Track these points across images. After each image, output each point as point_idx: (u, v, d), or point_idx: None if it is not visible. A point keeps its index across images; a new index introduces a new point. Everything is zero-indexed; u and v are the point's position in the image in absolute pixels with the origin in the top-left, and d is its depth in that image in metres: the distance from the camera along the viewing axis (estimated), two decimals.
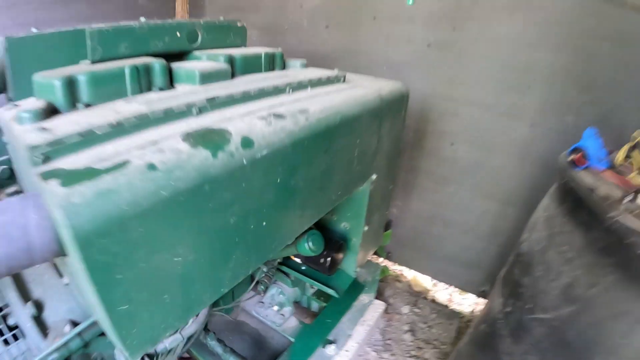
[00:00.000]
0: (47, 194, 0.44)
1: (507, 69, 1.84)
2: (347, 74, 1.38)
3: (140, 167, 0.49)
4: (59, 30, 0.93)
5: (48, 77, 0.69)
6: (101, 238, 0.44)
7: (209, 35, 1.04)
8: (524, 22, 1.82)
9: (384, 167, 1.28)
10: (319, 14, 2.27)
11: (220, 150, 0.59)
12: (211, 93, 0.75)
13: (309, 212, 0.93)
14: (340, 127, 0.88)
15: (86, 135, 0.53)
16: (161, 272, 0.56)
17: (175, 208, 0.53)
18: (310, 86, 0.97)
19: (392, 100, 1.17)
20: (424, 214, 2.28)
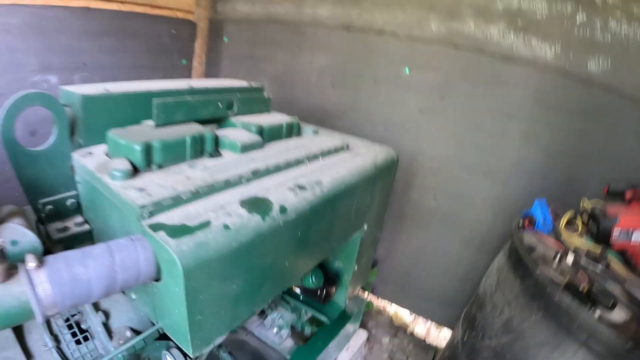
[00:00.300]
0: (155, 240, 0.66)
1: (486, 135, 2.09)
2: (349, 138, 1.57)
3: (219, 226, 0.72)
4: (125, 92, 1.10)
5: (129, 139, 0.90)
6: (196, 272, 0.65)
7: (243, 104, 1.28)
8: (502, 96, 2.13)
9: (374, 219, 1.49)
10: (326, 73, 2.49)
11: (267, 215, 0.82)
12: (252, 165, 0.98)
13: (316, 255, 1.16)
14: (344, 193, 1.11)
15: (175, 198, 0.76)
16: (224, 295, 0.78)
17: (238, 254, 0.76)
18: (322, 156, 1.21)
19: (385, 166, 1.41)
20: (407, 256, 2.48)
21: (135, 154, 0.87)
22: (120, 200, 0.74)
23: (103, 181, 0.82)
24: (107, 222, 0.86)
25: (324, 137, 1.40)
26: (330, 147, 1.27)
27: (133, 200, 0.71)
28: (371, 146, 1.50)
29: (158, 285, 0.71)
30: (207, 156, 1.00)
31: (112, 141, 0.93)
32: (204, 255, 0.67)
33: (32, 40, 2.03)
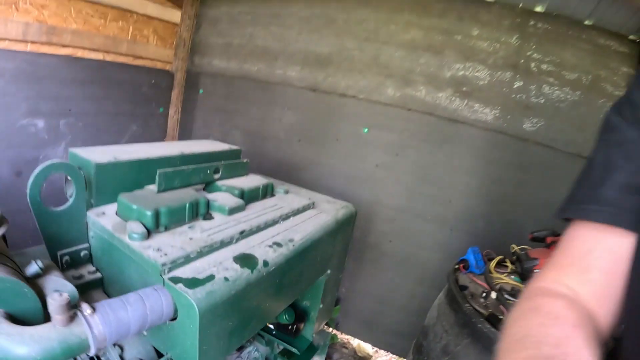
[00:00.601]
0: (176, 290, 0.88)
1: (435, 187, 2.37)
2: (315, 195, 1.80)
3: (221, 279, 0.93)
4: (130, 160, 1.28)
5: (140, 205, 1.10)
6: (207, 314, 0.86)
7: (226, 169, 1.50)
8: (449, 152, 2.35)
9: (336, 264, 1.70)
10: (294, 130, 2.73)
11: (254, 269, 1.03)
12: (239, 226, 1.20)
13: (289, 297, 1.37)
14: (311, 247, 1.33)
15: (186, 257, 0.97)
16: (223, 330, 0.98)
17: (235, 299, 0.97)
18: (292, 215, 1.44)
19: (345, 221, 1.64)
20: (367, 294, 2.71)
21: (147, 218, 1.07)
22: (142, 258, 0.95)
23: (123, 241, 1.02)
24: (124, 273, 1.05)
25: (294, 196, 1.63)
26: (299, 206, 1.50)
27: (155, 259, 0.92)
28: (333, 202, 1.73)
29: (174, 324, 0.92)
30: (202, 218, 1.22)
31: (123, 204, 1.13)
32: (212, 301, 0.88)
33: (23, 86, 2.14)
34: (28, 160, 2.25)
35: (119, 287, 1.08)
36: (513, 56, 2.28)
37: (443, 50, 2.35)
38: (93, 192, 1.20)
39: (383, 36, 2.44)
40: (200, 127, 3.10)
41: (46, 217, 1.07)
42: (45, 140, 2.32)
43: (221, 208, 1.28)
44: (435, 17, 2.35)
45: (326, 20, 2.57)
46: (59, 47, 2.27)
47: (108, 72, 2.56)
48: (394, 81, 2.47)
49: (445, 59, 2.35)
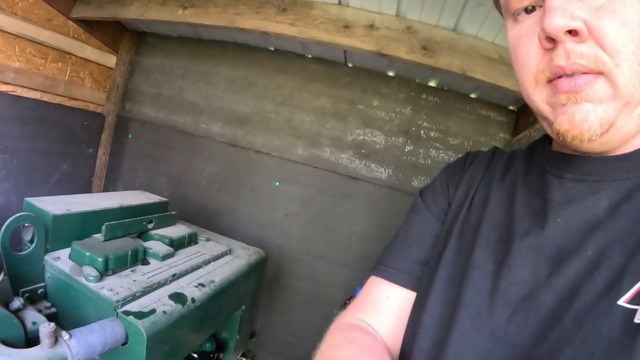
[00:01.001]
0: (127, 321, 1.20)
1: (337, 234, 2.67)
2: (232, 242, 2.06)
3: (160, 312, 1.26)
4: (81, 211, 1.56)
5: (92, 252, 1.40)
6: (151, 339, 1.18)
7: (159, 220, 1.82)
8: (348, 204, 2.64)
9: (250, 300, 2.01)
10: (214, 180, 2.95)
11: (185, 305, 1.36)
12: (171, 270, 1.52)
13: (210, 329, 1.67)
14: (228, 287, 1.67)
15: (133, 295, 1.29)
16: (163, 352, 1.29)
17: (170, 328, 1.28)
18: (213, 261, 1.77)
19: (257, 264, 1.99)
20: (280, 328, 2.91)
21: (98, 264, 1.37)
22: (99, 296, 1.26)
23: (81, 282, 1.31)
24: (79, 308, 1.33)
25: (214, 243, 1.96)
26: (218, 253, 1.84)
27: (109, 297, 1.23)
28: (247, 249, 2.07)
29: (124, 347, 1.23)
30: (140, 263, 1.54)
31: (77, 251, 1.42)
32: (155, 329, 1.20)
33: None
34: None
35: (74, 320, 1.34)
36: (406, 124, 2.68)
37: (347, 117, 2.72)
38: (49, 239, 1.47)
39: (297, 102, 2.78)
40: (128, 170, 3.21)
41: (13, 260, 1.32)
42: None
43: (156, 255, 1.60)
44: (342, 88, 2.73)
45: (248, 83, 2.88)
46: (1, 84, 2.39)
47: (44, 112, 2.69)
48: (303, 142, 2.78)
49: (349, 125, 2.72)
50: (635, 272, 0.52)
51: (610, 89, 0.53)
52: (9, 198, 2.60)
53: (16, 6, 2.36)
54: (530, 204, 0.68)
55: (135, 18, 2.52)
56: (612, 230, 0.57)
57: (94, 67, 3.11)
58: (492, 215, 0.72)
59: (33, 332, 1.15)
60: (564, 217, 0.62)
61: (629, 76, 0.52)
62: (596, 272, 0.55)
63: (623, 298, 0.51)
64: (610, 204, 0.59)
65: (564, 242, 0.60)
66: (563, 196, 0.64)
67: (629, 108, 0.54)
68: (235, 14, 2.19)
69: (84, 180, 3.26)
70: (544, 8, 0.55)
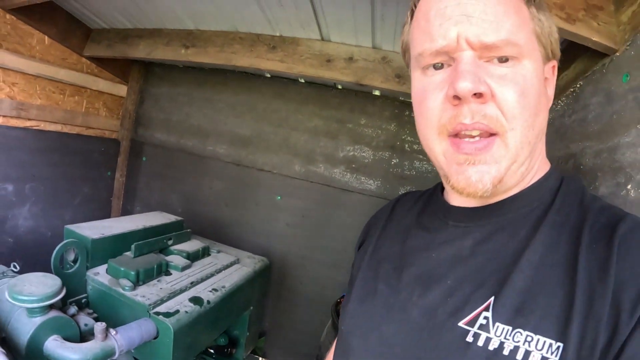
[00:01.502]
0: (158, 319, 1.52)
1: (333, 240, 2.85)
2: (239, 252, 2.33)
3: (183, 312, 1.58)
4: (113, 234, 1.87)
5: (126, 267, 1.73)
6: (177, 333, 1.50)
7: (176, 238, 2.14)
8: (343, 214, 2.86)
9: (257, 301, 2.29)
10: (222, 195, 3.16)
11: (202, 306, 1.68)
12: (190, 279, 1.84)
13: (223, 326, 1.97)
14: (237, 291, 1.97)
15: (161, 300, 1.61)
16: (186, 344, 1.59)
17: (192, 324, 1.59)
18: (224, 269, 2.08)
19: (262, 271, 2.29)
20: (287, 326, 3.05)
21: (132, 276, 1.69)
22: (134, 302, 1.59)
23: (118, 291, 1.65)
24: (117, 312, 1.66)
25: (224, 254, 2.27)
26: (228, 263, 2.15)
27: (143, 302, 1.56)
28: (253, 257, 2.38)
29: (156, 341, 1.55)
30: (164, 274, 1.86)
31: (113, 267, 1.75)
32: (179, 325, 1.52)
33: None
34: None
35: (113, 322, 1.63)
36: (391, 139, 2.83)
37: (338, 135, 2.92)
38: (89, 258, 1.80)
39: (292, 123, 3.00)
40: (143, 190, 3.47)
41: (62, 277, 1.60)
42: (13, 202, 2.65)
43: (176, 267, 1.92)
44: (332, 109, 2.93)
45: (248, 108, 3.11)
46: (25, 120, 2.56)
47: (66, 142, 2.92)
48: (300, 159, 2.95)
49: (339, 142, 2.91)
50: (475, 302, 0.63)
51: (503, 149, 0.62)
52: (38, 221, 2.88)
53: (34, 49, 2.60)
54: (420, 240, 0.80)
55: (142, 57, 2.81)
56: (469, 266, 0.68)
57: (107, 98, 3.35)
58: (391, 248, 0.85)
59: (85, 331, 1.47)
60: (438, 253, 0.74)
61: (520, 139, 0.62)
62: (449, 298, 0.66)
63: (463, 320, 0.62)
64: (474, 244, 0.70)
65: (434, 272, 0.72)
66: (443, 237, 0.75)
67: (515, 166, 0.64)
68: (231, 52, 2.47)
69: (103, 201, 3.53)
70: (453, 68, 0.62)
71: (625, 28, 1.22)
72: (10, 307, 1.36)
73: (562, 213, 0.65)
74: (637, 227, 0.57)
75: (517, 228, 0.67)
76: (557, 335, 0.54)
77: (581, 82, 1.49)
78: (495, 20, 0.60)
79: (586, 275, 0.56)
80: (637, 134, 1.09)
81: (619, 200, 1.13)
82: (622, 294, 0.52)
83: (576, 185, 0.70)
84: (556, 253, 0.61)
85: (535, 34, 0.64)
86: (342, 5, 1.83)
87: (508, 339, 0.57)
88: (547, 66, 0.69)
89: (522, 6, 0.63)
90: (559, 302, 0.56)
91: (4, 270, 1.63)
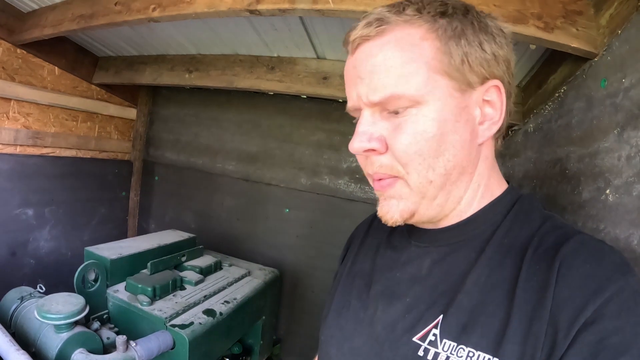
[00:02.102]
0: (174, 331, 1.63)
1: (340, 249, 3.03)
2: (250, 265, 2.44)
3: (198, 324, 1.69)
4: (130, 254, 2.00)
5: (143, 284, 1.85)
6: (192, 343, 1.61)
7: (190, 254, 2.26)
8: (352, 223, 2.69)
9: (269, 311, 2.40)
10: (233, 211, 3.26)
11: (215, 317, 1.79)
12: (203, 293, 1.95)
13: (237, 335, 2.07)
14: (248, 302, 2.08)
15: (177, 313, 1.73)
16: (201, 353, 1.71)
17: (205, 335, 1.70)
18: (235, 282, 2.20)
19: (272, 282, 2.40)
20: (301, 334, 3.11)
21: (149, 292, 1.82)
22: (152, 316, 1.70)
23: (137, 307, 1.77)
24: (136, 325, 1.77)
25: (235, 268, 2.39)
26: (239, 276, 2.27)
27: (160, 315, 1.68)
28: (263, 269, 2.49)
29: (172, 351, 1.66)
30: (179, 289, 1.98)
31: (131, 284, 1.87)
32: (194, 336, 1.63)
33: (16, 182, 2.53)
34: (21, 243, 2.68)
35: (132, 335, 1.73)
36: None
37: (340, 147, 2.97)
38: (109, 277, 1.92)
39: (296, 138, 3.08)
40: (157, 208, 3.60)
41: (85, 295, 1.74)
42: (34, 225, 2.76)
43: (190, 282, 2.04)
44: (334, 122, 3.00)
45: (253, 125, 3.21)
46: (41, 148, 2.71)
47: (80, 166, 3.04)
48: (305, 173, 3.02)
49: (342, 154, 2.90)
50: (427, 319, 0.67)
51: (407, 188, 0.68)
52: (59, 242, 3.01)
53: (45, 80, 2.72)
54: (387, 259, 0.84)
55: (149, 83, 2.93)
56: (425, 285, 0.72)
57: (118, 121, 3.48)
58: (364, 264, 0.90)
59: (107, 344, 1.60)
60: (401, 272, 0.78)
61: (419, 181, 0.66)
62: (407, 314, 0.71)
63: (416, 335, 0.67)
64: (431, 264, 0.73)
65: (396, 290, 0.76)
66: (406, 257, 0.79)
67: (427, 200, 0.69)
68: (232, 74, 2.59)
69: (120, 220, 3.66)
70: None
71: (604, 32, 1.25)
72: (39, 324, 1.49)
73: (511, 234, 0.68)
74: (581, 247, 0.59)
75: (468, 250, 0.70)
76: (493, 351, 0.58)
77: (565, 87, 1.54)
78: (380, 79, 0.64)
79: (525, 295, 0.59)
80: (614, 139, 1.14)
81: (599, 204, 1.19)
82: (559, 314, 0.55)
83: (530, 205, 0.72)
84: (499, 274, 0.64)
85: (443, 72, 0.64)
86: (332, 25, 1.93)
87: (453, 354, 0.61)
88: (480, 90, 0.67)
89: (424, 47, 0.64)
90: (497, 320, 0.60)
91: (31, 291, 1.75)
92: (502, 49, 0.67)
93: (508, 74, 0.70)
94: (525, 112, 1.95)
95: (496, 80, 0.67)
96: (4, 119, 2.46)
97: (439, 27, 0.64)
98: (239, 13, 1.58)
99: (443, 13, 0.65)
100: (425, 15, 0.65)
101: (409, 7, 0.66)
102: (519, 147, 1.96)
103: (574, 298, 0.55)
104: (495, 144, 0.76)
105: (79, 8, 2.04)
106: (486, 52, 0.66)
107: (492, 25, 0.68)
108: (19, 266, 2.73)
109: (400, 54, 0.64)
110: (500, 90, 0.68)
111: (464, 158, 0.68)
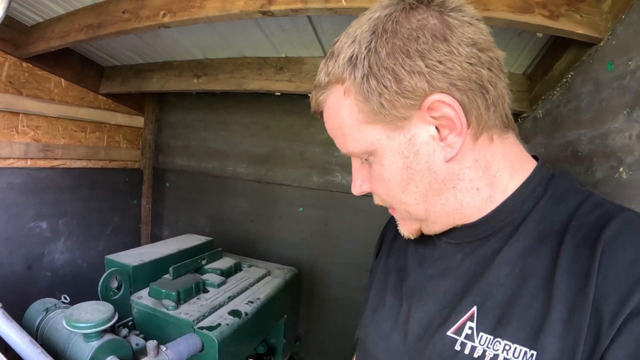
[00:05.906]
0: (202, 333, 1.64)
1: (356, 245, 2.91)
2: (269, 265, 2.45)
3: (225, 325, 1.70)
4: (152, 260, 2.00)
5: (167, 289, 1.85)
6: (221, 344, 1.61)
7: (209, 257, 2.28)
8: (365, 218, 2.88)
9: (290, 309, 2.40)
10: (247, 213, 3.28)
11: (240, 318, 1.79)
12: (226, 294, 1.95)
13: (261, 334, 2.08)
14: (271, 301, 2.08)
15: (203, 315, 1.73)
16: (229, 353, 1.72)
17: (233, 335, 1.71)
18: (256, 282, 2.20)
19: (291, 280, 2.40)
20: (321, 331, 3.13)
21: (173, 297, 1.82)
22: (178, 319, 1.71)
23: (162, 311, 1.77)
24: (163, 330, 1.78)
25: (255, 268, 2.40)
26: (260, 276, 2.27)
27: (187, 319, 1.69)
28: (282, 268, 2.50)
29: (201, 354, 1.67)
30: (202, 292, 1.98)
31: (155, 290, 1.87)
32: (222, 337, 1.64)
33: (29, 196, 2.55)
34: (36, 256, 2.70)
35: (159, 339, 1.74)
36: None
37: None
38: (132, 284, 1.93)
39: (306, 137, 3.11)
40: (170, 214, 3.61)
41: (109, 302, 1.79)
42: (49, 238, 2.78)
43: (212, 284, 2.05)
44: None
45: (262, 127, 3.22)
46: (52, 160, 2.73)
47: (91, 176, 3.07)
48: (317, 171, 3.03)
49: None
50: (460, 312, 0.67)
51: (406, 214, 0.75)
52: (74, 253, 3.03)
53: (52, 93, 2.74)
54: (419, 256, 0.85)
55: (157, 90, 2.94)
56: (456, 278, 0.72)
57: (126, 130, 3.51)
58: (398, 259, 0.92)
59: (136, 350, 1.60)
60: (433, 268, 0.79)
61: (406, 211, 0.73)
62: (442, 309, 0.71)
63: (450, 330, 0.67)
64: (462, 258, 0.73)
65: (429, 286, 0.77)
66: (437, 254, 0.80)
67: (425, 221, 0.74)
68: (241, 77, 2.60)
69: (133, 228, 3.69)
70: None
71: (607, 17, 1.30)
72: (67, 334, 1.49)
73: (546, 219, 0.64)
74: (625, 228, 0.55)
75: (499, 241, 0.68)
76: (531, 343, 0.56)
77: (572, 72, 1.58)
78: (337, 141, 0.75)
79: (566, 285, 0.56)
80: (624, 119, 1.18)
81: (613, 182, 1.23)
82: (603, 304, 0.51)
83: (564, 184, 0.68)
84: (535, 263, 0.61)
85: (371, 120, 0.66)
86: (339, 22, 1.92)
87: (489, 348, 0.60)
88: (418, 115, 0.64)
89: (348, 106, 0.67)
90: (534, 312, 0.58)
91: (55, 302, 1.76)
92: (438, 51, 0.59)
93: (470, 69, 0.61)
94: (532, 99, 1.97)
95: (436, 94, 0.61)
96: (14, 133, 2.48)
97: (352, 76, 0.65)
98: (251, 15, 1.57)
99: (350, 58, 0.64)
100: (341, 66, 0.66)
101: (331, 60, 0.68)
102: (528, 133, 1.99)
103: (618, 286, 0.51)
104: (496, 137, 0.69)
105: (86, 18, 2.05)
106: (404, 79, 0.60)
107: (429, 28, 0.60)
108: (36, 279, 2.75)
109: (338, 121, 0.70)
110: (446, 102, 0.61)
111: (432, 181, 0.68)
